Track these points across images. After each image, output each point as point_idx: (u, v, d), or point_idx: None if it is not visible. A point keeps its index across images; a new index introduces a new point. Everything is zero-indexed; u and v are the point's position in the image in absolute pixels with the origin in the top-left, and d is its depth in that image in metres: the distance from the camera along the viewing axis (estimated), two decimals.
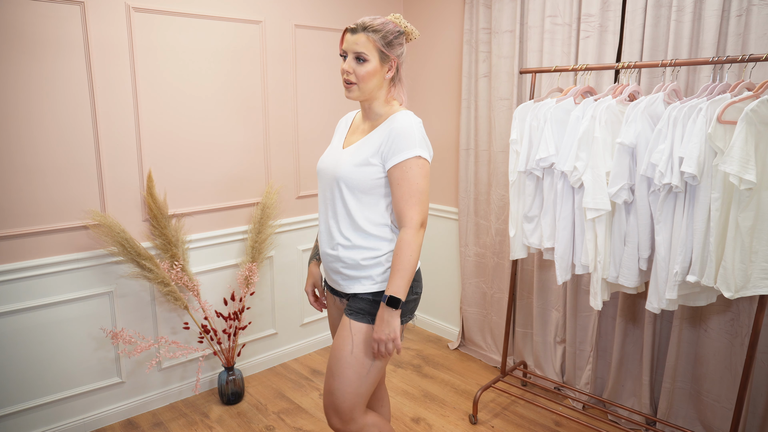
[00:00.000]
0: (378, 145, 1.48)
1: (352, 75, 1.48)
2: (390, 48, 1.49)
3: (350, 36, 1.48)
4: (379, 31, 1.47)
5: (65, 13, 2.12)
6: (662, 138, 1.84)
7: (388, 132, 1.48)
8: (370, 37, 1.46)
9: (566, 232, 2.15)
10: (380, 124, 1.53)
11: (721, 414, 2.18)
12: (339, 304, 1.70)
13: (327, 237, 1.58)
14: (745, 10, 1.96)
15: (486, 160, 2.92)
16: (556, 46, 2.54)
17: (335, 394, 1.52)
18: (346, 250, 1.53)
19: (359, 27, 1.47)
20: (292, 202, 2.98)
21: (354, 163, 1.50)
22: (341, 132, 1.67)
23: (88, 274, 2.32)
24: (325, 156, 1.62)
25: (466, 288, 3.14)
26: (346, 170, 1.50)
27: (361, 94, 1.51)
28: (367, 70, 1.47)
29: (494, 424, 2.48)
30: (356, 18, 3.07)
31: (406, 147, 1.45)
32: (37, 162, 2.13)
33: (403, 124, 1.47)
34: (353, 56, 1.48)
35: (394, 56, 1.50)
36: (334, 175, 1.53)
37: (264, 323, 2.96)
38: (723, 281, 1.72)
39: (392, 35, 1.49)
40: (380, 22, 1.49)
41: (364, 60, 1.47)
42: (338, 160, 1.55)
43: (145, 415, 2.56)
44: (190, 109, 2.51)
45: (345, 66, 1.49)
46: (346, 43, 1.49)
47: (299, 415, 2.57)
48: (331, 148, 1.63)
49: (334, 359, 1.53)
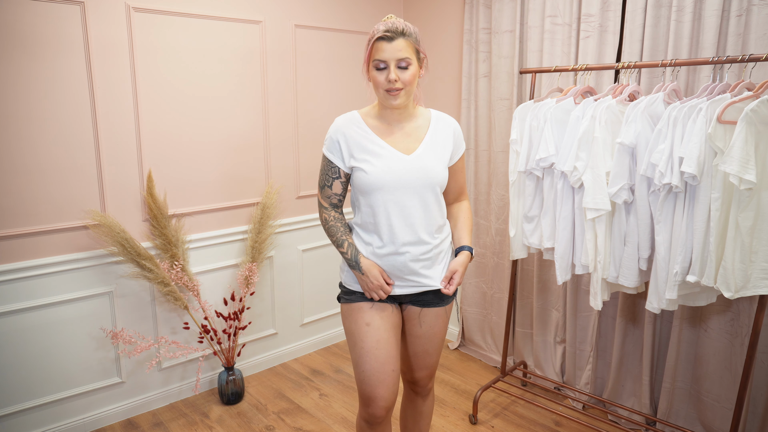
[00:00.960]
0: (452, 145, 1.65)
1: (399, 82, 1.49)
2: (420, 47, 1.54)
3: (388, 44, 1.46)
4: (412, 34, 1.51)
5: (65, 13, 2.12)
6: (662, 138, 1.84)
7: (452, 132, 1.66)
8: (409, 41, 1.49)
9: (566, 232, 2.15)
10: (429, 125, 1.63)
11: (721, 414, 2.18)
12: (391, 311, 1.67)
13: (411, 238, 1.58)
14: (745, 10, 1.96)
15: (486, 160, 2.92)
16: (556, 46, 2.54)
17: (434, 366, 1.78)
18: (438, 244, 1.64)
19: (396, 33, 1.47)
20: (293, 202, 2.99)
21: (444, 165, 1.62)
22: (371, 139, 1.58)
23: (88, 274, 2.32)
24: (388, 167, 1.55)
25: (466, 288, 3.14)
26: (441, 174, 1.60)
27: (407, 98, 1.55)
28: (412, 74, 1.51)
29: (494, 424, 2.48)
30: (356, 18, 3.07)
31: (463, 141, 1.71)
32: (37, 162, 2.13)
33: (455, 122, 1.70)
34: (396, 63, 1.48)
35: (423, 55, 1.56)
36: (426, 181, 1.57)
37: (264, 323, 2.96)
38: (723, 281, 1.72)
39: (419, 38, 1.54)
40: (405, 25, 1.50)
41: (408, 65, 1.49)
42: (423, 167, 1.56)
43: (145, 415, 2.56)
44: (190, 108, 2.51)
45: (391, 76, 1.48)
46: (385, 52, 1.47)
47: (299, 415, 2.57)
48: (386, 158, 1.56)
49: (432, 343, 1.72)
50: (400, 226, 1.57)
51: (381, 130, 1.60)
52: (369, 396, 1.62)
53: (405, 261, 1.60)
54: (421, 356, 1.74)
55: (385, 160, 1.55)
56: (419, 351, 1.73)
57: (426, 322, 1.70)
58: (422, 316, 1.70)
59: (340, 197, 1.67)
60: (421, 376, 1.78)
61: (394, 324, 1.67)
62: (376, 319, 1.63)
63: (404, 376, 1.83)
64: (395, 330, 1.68)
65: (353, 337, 1.65)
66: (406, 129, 1.60)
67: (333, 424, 2.49)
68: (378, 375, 1.60)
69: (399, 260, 1.60)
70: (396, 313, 1.69)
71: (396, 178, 1.54)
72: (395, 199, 1.55)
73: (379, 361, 1.60)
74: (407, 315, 1.72)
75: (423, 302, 1.69)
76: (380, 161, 1.55)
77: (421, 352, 1.73)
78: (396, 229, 1.57)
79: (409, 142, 1.59)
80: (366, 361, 1.61)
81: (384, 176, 1.54)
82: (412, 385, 1.82)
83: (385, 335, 1.63)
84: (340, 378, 2.91)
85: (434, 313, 1.70)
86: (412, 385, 1.82)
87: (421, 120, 1.63)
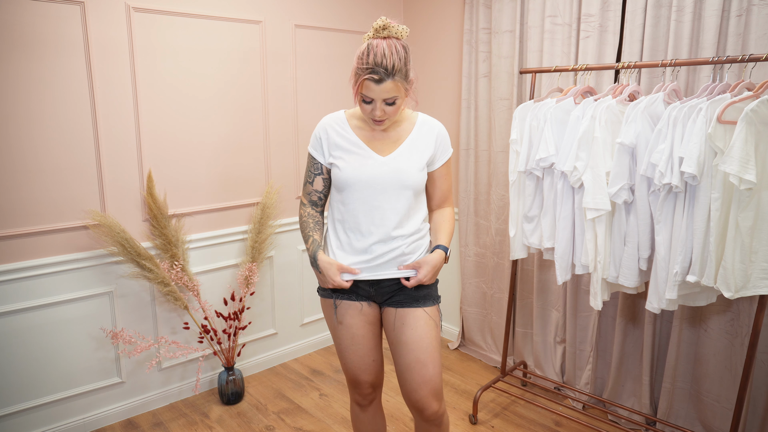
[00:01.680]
0: (432, 150, 1.64)
1: (384, 115, 1.52)
2: (408, 76, 1.52)
3: (376, 86, 1.45)
4: (401, 70, 1.47)
5: (65, 13, 2.12)
6: (662, 138, 1.84)
7: (435, 136, 1.64)
8: (397, 82, 1.47)
9: (566, 232, 2.15)
10: (413, 129, 1.64)
11: (721, 414, 2.18)
12: (366, 309, 1.67)
13: (380, 236, 1.60)
14: (745, 10, 1.96)
15: (486, 160, 2.92)
16: (556, 46, 2.54)
17: (434, 380, 1.61)
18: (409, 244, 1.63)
19: (385, 75, 1.44)
20: (292, 202, 2.98)
21: (418, 168, 1.61)
22: (349, 139, 1.62)
23: (88, 274, 2.32)
24: (360, 165, 1.58)
25: (466, 288, 3.14)
26: (414, 177, 1.60)
27: (390, 124, 1.61)
28: (397, 106, 1.53)
29: (494, 424, 2.48)
30: (356, 18, 3.07)
31: (448, 146, 1.69)
32: (37, 162, 2.13)
33: (442, 126, 1.68)
34: (382, 102, 1.49)
35: (412, 77, 1.55)
36: (398, 183, 1.58)
37: (264, 323, 2.96)
38: (723, 281, 1.72)
39: (407, 62, 1.49)
40: (397, 59, 1.45)
41: (394, 101, 1.50)
42: (396, 169, 1.58)
43: (145, 415, 2.56)
44: (190, 109, 2.51)
45: (377, 112, 1.50)
46: (372, 92, 1.47)
47: (299, 415, 2.57)
48: (361, 156, 1.59)
49: (421, 350, 1.60)
50: (367, 224, 1.59)
51: (363, 130, 1.63)
52: (354, 380, 1.74)
53: (375, 257, 1.61)
54: (416, 368, 1.60)
55: (359, 159, 1.59)
56: (411, 361, 1.60)
57: (407, 324, 1.62)
58: (398, 318, 1.63)
59: (320, 194, 1.71)
60: (423, 396, 1.60)
61: (368, 320, 1.68)
62: (347, 317, 1.67)
63: (407, 400, 1.67)
64: (371, 326, 1.69)
65: (331, 330, 1.74)
66: (389, 132, 1.63)
67: (333, 424, 2.49)
68: (359, 365, 1.71)
69: (369, 257, 1.62)
70: (371, 311, 1.68)
71: (367, 177, 1.58)
72: (365, 197, 1.58)
73: (358, 354, 1.69)
74: (385, 319, 1.68)
75: (397, 302, 1.64)
76: (354, 160, 1.60)
77: (414, 362, 1.60)
78: (364, 227, 1.60)
79: (388, 144, 1.62)
80: (346, 356, 1.71)
81: (355, 174, 1.58)
82: (420, 413, 1.64)
83: (360, 332, 1.67)
84: (340, 378, 2.91)
85: (412, 315, 1.62)
86: (420, 413, 1.64)
87: (406, 124, 1.65)
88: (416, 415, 1.67)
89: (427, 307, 1.64)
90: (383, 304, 1.68)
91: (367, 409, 1.81)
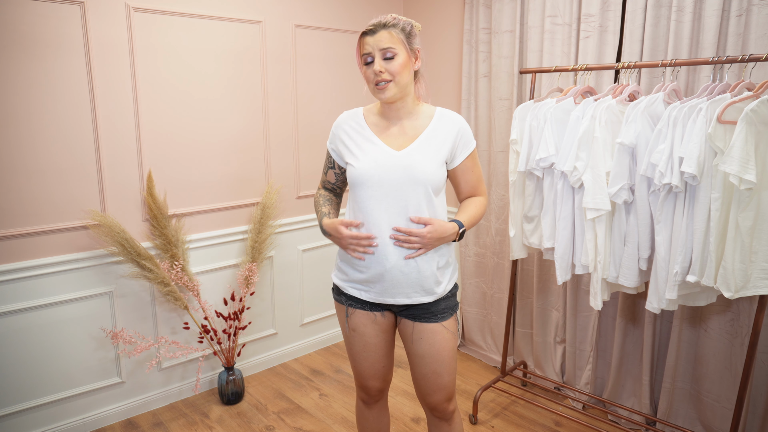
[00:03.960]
0: (451, 143, 1.56)
1: (385, 73, 1.47)
2: (411, 39, 1.52)
3: (371, 37, 1.48)
4: (396, 25, 1.49)
5: (65, 13, 2.12)
6: (662, 138, 1.84)
7: (454, 129, 1.57)
8: (392, 32, 1.48)
9: (566, 232, 2.15)
10: (430, 123, 1.57)
11: (721, 414, 2.18)
12: (380, 319, 1.63)
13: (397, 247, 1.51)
14: (745, 10, 1.96)
15: (486, 160, 2.92)
16: (556, 46, 2.54)
17: (449, 387, 1.64)
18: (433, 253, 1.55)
19: (377, 26, 1.48)
20: (292, 202, 2.99)
21: (434, 163, 1.52)
22: (363, 134, 1.59)
23: (88, 274, 2.32)
24: (373, 160, 1.53)
25: (466, 288, 3.14)
26: (429, 172, 1.51)
27: (398, 90, 1.50)
28: (400, 63, 1.48)
29: (494, 424, 2.48)
30: (356, 18, 3.07)
31: (470, 138, 1.61)
32: (37, 162, 2.13)
33: (461, 119, 1.60)
34: (381, 55, 1.47)
35: (417, 47, 1.54)
36: (412, 179, 1.49)
37: (264, 323, 2.96)
38: (723, 281, 1.72)
39: (408, 26, 1.52)
40: (393, 17, 1.50)
41: (393, 55, 1.47)
42: (410, 164, 1.49)
43: (145, 415, 2.56)
44: (190, 109, 2.51)
45: (375, 67, 1.47)
46: (368, 46, 1.48)
47: (299, 415, 2.57)
48: (374, 151, 1.54)
49: (438, 363, 1.59)
50: (381, 222, 1.51)
51: (379, 126, 1.60)
52: (363, 384, 1.75)
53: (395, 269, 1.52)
54: (431, 378, 1.61)
55: (373, 155, 1.54)
56: (428, 372, 1.61)
57: (424, 339, 1.59)
58: (416, 332, 1.59)
59: (334, 185, 1.74)
60: (437, 400, 1.64)
61: (382, 329, 1.65)
62: (359, 326, 1.64)
63: (421, 401, 1.70)
64: (384, 334, 1.66)
65: (343, 335, 1.73)
66: (405, 126, 1.57)
67: (333, 424, 2.49)
68: (370, 371, 1.71)
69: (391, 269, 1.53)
70: (385, 321, 1.64)
71: (380, 173, 1.51)
72: (379, 195, 1.51)
73: (369, 361, 1.69)
74: (402, 329, 1.65)
75: (414, 315, 1.59)
76: (368, 156, 1.54)
77: (430, 374, 1.61)
78: (381, 226, 1.51)
79: (404, 139, 1.56)
80: (357, 361, 1.71)
81: (369, 171, 1.52)
82: (432, 411, 1.68)
83: (372, 341, 1.65)
84: (340, 378, 2.91)
85: (430, 330, 1.58)
86: (432, 411, 1.68)
87: (423, 117, 1.58)
88: (429, 414, 1.72)
89: (446, 321, 1.60)
90: (399, 314, 1.63)
91: (372, 407, 1.81)
